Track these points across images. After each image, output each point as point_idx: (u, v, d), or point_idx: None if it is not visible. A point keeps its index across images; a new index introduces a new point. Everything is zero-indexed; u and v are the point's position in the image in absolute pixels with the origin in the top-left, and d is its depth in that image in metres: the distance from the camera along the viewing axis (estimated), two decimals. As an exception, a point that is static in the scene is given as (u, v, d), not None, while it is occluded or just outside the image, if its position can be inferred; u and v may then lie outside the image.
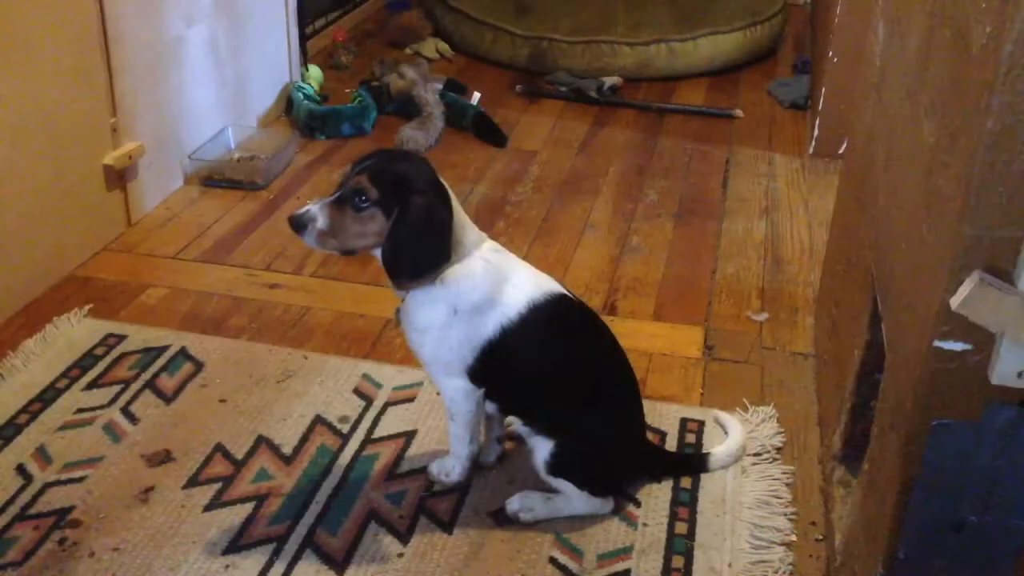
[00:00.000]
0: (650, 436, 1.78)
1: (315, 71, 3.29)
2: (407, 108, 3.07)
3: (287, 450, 1.74)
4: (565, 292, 1.58)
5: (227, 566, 1.50)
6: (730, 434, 1.77)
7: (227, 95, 2.83)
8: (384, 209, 1.44)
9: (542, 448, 1.57)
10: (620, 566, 1.53)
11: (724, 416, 1.81)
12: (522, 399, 1.59)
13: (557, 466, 1.57)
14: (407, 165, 1.48)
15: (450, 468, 1.65)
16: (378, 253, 1.48)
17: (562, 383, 1.56)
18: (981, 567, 1.18)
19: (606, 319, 2.14)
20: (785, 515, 1.63)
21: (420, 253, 1.45)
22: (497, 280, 1.50)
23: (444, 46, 3.72)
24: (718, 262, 2.41)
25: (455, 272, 1.48)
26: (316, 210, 1.46)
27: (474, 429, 1.61)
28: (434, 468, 1.67)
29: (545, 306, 1.52)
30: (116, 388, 1.87)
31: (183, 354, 1.97)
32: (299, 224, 1.46)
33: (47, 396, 1.84)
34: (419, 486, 1.67)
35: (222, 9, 2.74)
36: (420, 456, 1.73)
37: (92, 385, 1.88)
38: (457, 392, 1.55)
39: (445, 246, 1.46)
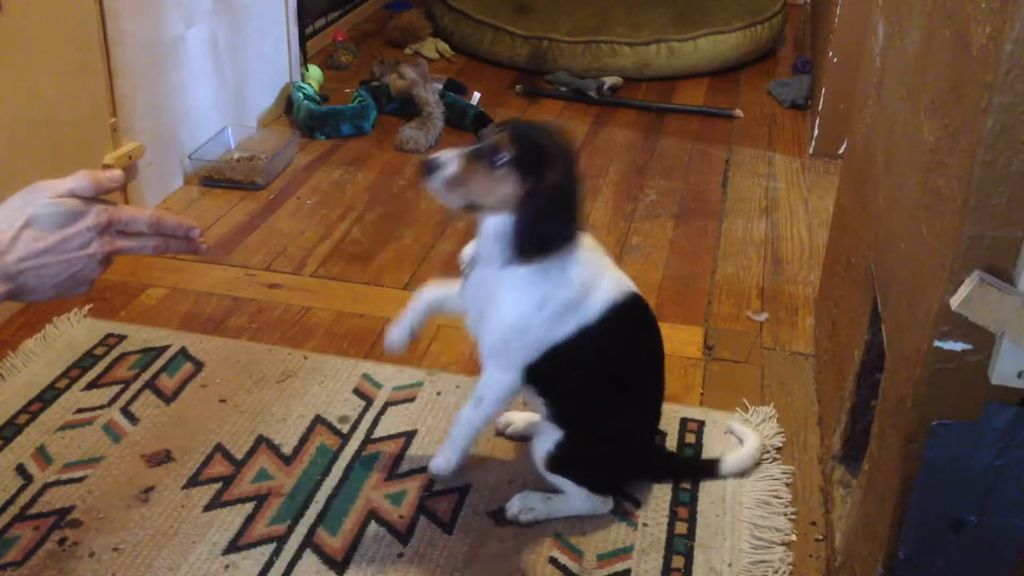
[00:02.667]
0: (650, 436, 1.78)
1: (315, 71, 3.29)
2: (407, 108, 3.07)
3: (287, 450, 1.74)
4: (637, 291, 1.56)
5: (227, 566, 1.50)
6: (745, 443, 1.74)
7: (227, 95, 2.83)
8: (520, 172, 1.37)
9: (548, 437, 1.55)
10: (620, 566, 1.53)
11: (739, 427, 1.79)
12: (566, 392, 1.54)
13: (560, 460, 1.56)
14: (550, 133, 1.42)
15: (449, 456, 1.60)
16: (495, 220, 1.41)
17: (613, 382, 1.54)
18: (981, 567, 1.18)
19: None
20: (785, 515, 1.63)
21: (552, 226, 1.38)
22: (589, 279, 1.47)
23: (444, 46, 3.72)
24: (718, 262, 2.41)
25: (556, 263, 1.42)
26: (449, 157, 1.38)
27: (487, 424, 1.59)
28: (434, 465, 1.64)
29: (622, 308, 1.49)
30: (116, 388, 1.87)
31: (183, 354, 1.97)
32: (430, 168, 1.38)
33: (47, 396, 1.84)
34: (419, 486, 1.67)
35: (222, 9, 2.74)
36: (420, 456, 1.73)
37: (92, 385, 1.88)
38: (501, 387, 1.50)
39: (577, 224, 1.39)
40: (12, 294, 1.10)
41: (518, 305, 1.44)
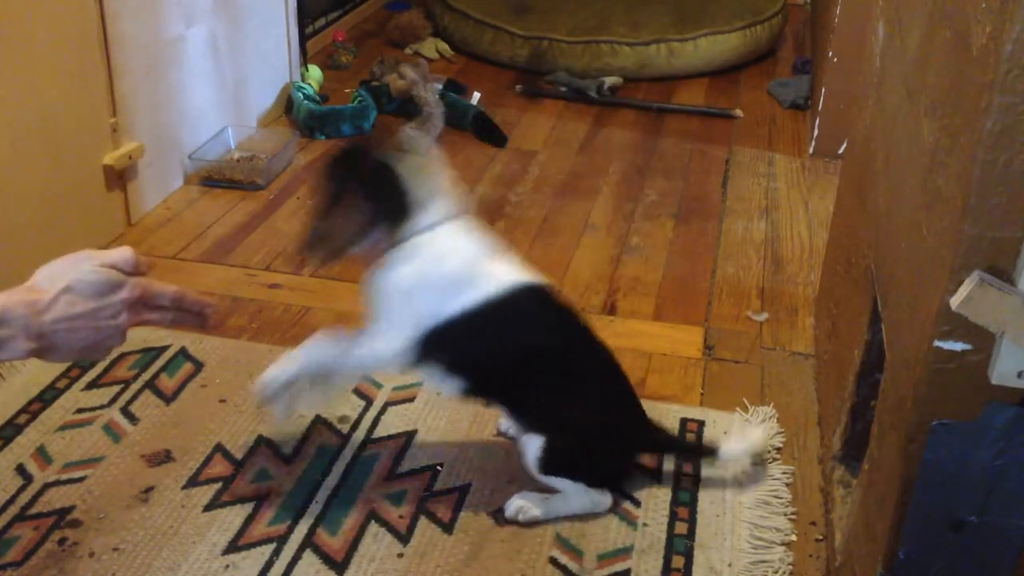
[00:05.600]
0: (650, 436, 1.77)
1: (315, 71, 3.29)
2: (407, 108, 3.07)
3: (287, 450, 1.74)
4: (540, 281, 1.58)
5: (227, 566, 1.50)
6: (750, 436, 1.73)
7: (227, 95, 2.83)
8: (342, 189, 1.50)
9: (532, 445, 1.56)
10: (620, 566, 1.53)
11: (747, 427, 1.78)
12: (493, 384, 1.58)
13: (549, 462, 1.56)
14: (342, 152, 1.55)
15: (283, 368, 1.58)
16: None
17: (547, 371, 1.55)
18: (981, 567, 1.18)
19: (606, 319, 2.15)
20: (785, 515, 1.63)
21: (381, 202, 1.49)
22: (469, 262, 1.52)
23: (444, 46, 3.72)
24: (718, 262, 2.41)
25: (426, 243, 1.50)
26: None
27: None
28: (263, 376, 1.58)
29: (517, 294, 1.53)
30: (116, 388, 1.87)
31: (183, 354, 1.97)
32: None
33: (47, 396, 1.84)
34: (419, 486, 1.67)
35: (222, 9, 2.74)
36: (420, 456, 1.73)
37: (92, 385, 1.88)
38: (386, 350, 1.53)
39: (402, 199, 1.49)
40: (39, 351, 1.15)
41: (401, 270, 1.50)
